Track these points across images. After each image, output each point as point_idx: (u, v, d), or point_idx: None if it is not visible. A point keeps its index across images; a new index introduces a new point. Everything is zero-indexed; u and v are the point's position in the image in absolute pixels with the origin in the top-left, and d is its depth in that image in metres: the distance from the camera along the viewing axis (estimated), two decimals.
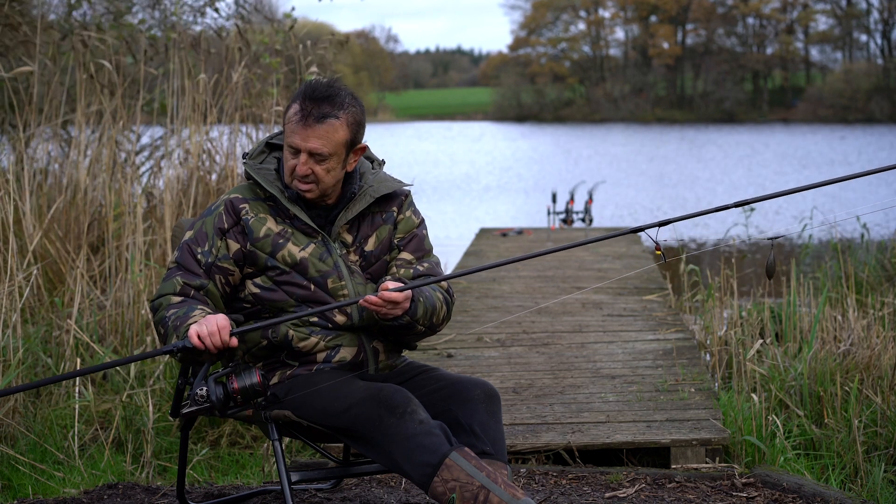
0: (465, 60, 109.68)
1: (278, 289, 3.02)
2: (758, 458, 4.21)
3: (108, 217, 6.11)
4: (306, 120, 2.94)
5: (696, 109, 63.95)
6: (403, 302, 2.89)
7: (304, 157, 2.96)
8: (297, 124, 2.95)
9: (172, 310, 2.93)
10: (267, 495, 3.62)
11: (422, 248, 3.16)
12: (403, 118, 67.14)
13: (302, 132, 2.95)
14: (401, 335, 3.04)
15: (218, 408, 2.82)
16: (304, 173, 2.97)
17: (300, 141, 2.95)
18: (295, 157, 2.98)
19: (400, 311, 2.90)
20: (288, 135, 2.98)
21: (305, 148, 2.95)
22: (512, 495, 2.73)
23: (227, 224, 3.04)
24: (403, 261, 3.12)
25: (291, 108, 2.99)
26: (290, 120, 2.97)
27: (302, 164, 2.96)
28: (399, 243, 3.14)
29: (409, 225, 3.16)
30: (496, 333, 6.23)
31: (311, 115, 2.94)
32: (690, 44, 67.91)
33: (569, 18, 71.82)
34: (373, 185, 3.11)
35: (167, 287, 3.00)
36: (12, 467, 4.14)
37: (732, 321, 5.97)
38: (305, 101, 2.96)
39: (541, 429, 4.33)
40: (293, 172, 2.99)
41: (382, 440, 2.83)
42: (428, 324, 3.01)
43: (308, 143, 2.95)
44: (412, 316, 2.94)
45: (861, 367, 4.80)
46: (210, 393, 2.81)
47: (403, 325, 2.95)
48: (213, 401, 2.81)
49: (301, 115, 2.95)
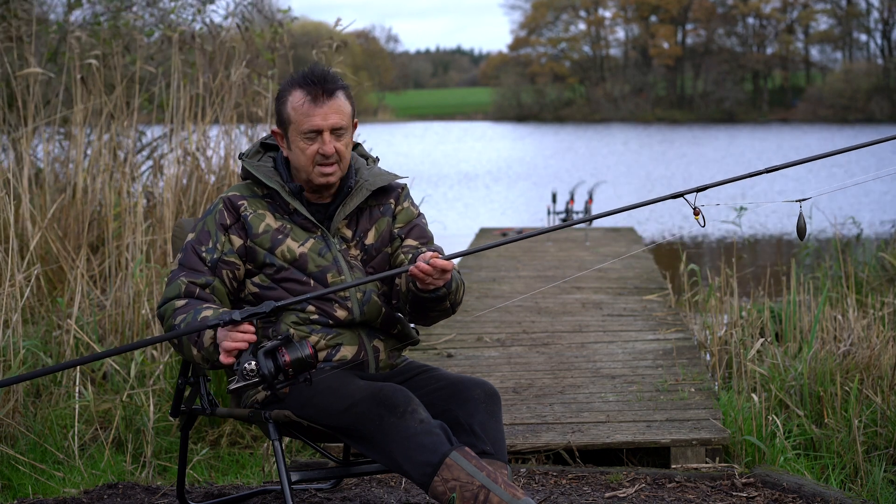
0: (465, 60, 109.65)
1: (277, 287, 3.03)
2: (758, 458, 4.21)
3: (108, 217, 6.10)
4: (318, 99, 2.96)
5: (696, 109, 63.93)
6: (450, 271, 2.85)
7: (328, 136, 2.98)
8: (310, 107, 2.96)
9: (180, 316, 2.91)
10: (267, 495, 3.62)
11: (425, 235, 3.17)
12: (403, 118, 67.10)
13: (319, 111, 2.96)
14: (427, 311, 2.98)
15: (268, 381, 2.74)
16: (331, 151, 2.97)
17: (321, 120, 2.97)
18: (314, 142, 2.98)
19: (443, 282, 2.85)
20: (301, 122, 2.97)
21: (328, 126, 2.97)
22: (512, 495, 2.73)
23: (229, 220, 3.05)
24: (410, 247, 3.12)
25: (293, 97, 2.99)
26: (298, 108, 2.97)
27: (327, 144, 2.97)
28: (400, 233, 3.14)
29: (409, 215, 3.17)
30: (496, 333, 6.23)
31: (322, 94, 2.97)
32: (690, 44, 67.90)
33: (569, 18, 71.81)
34: (368, 178, 3.12)
35: (171, 290, 2.99)
36: (12, 467, 4.14)
37: (732, 321, 5.97)
38: (307, 84, 2.98)
39: (541, 429, 4.33)
40: (314, 158, 2.98)
41: (383, 440, 2.83)
42: (453, 300, 2.98)
43: (328, 120, 2.97)
44: (448, 287, 2.90)
45: (861, 367, 4.80)
46: (261, 366, 2.73)
47: (437, 298, 2.91)
48: (265, 374, 2.73)
49: (311, 96, 2.97)
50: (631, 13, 69.25)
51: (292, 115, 2.99)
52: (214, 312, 2.88)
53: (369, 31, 78.80)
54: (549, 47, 71.47)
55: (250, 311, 2.76)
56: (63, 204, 6.29)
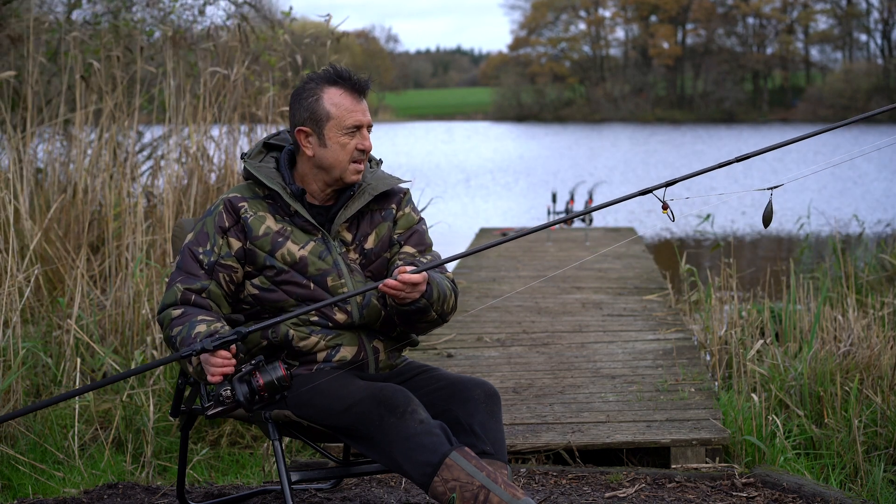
0: (465, 60, 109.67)
1: (277, 289, 3.02)
2: (758, 458, 4.21)
3: (108, 217, 6.10)
4: (356, 96, 3.02)
5: (696, 109, 63.94)
6: (421, 283, 2.87)
7: (366, 132, 3.04)
8: (352, 102, 3.01)
9: (176, 328, 2.94)
10: (267, 495, 3.62)
11: (423, 243, 3.17)
12: (403, 118, 67.10)
13: (360, 107, 3.02)
14: (413, 322, 3.00)
15: (245, 406, 2.82)
16: (370, 146, 3.05)
17: (362, 116, 3.03)
18: (353, 137, 3.02)
19: (417, 294, 2.87)
20: (344, 117, 3.00)
21: (366, 122, 3.04)
22: (512, 495, 2.73)
23: (227, 223, 3.04)
24: (407, 254, 3.12)
25: (330, 94, 3.00)
26: (340, 103, 3.00)
27: (367, 139, 3.04)
28: (399, 238, 3.14)
29: (409, 221, 3.17)
30: (496, 333, 6.23)
31: (359, 91, 3.03)
32: (690, 44, 67.91)
33: (569, 18, 71.83)
34: (371, 182, 3.11)
35: (169, 297, 3.01)
36: (12, 467, 4.14)
37: (732, 321, 5.97)
38: (344, 81, 3.02)
39: (541, 429, 4.33)
40: (353, 154, 3.02)
41: (383, 440, 2.83)
42: (440, 310, 2.99)
43: (367, 117, 3.04)
44: (428, 298, 2.91)
45: (861, 367, 4.80)
46: (236, 393, 2.82)
47: (419, 310, 2.92)
48: (240, 400, 2.82)
49: (351, 93, 3.01)
50: (631, 13, 69.26)
51: (332, 110, 3.00)
52: (207, 327, 2.90)
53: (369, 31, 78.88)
54: (549, 47, 71.48)
55: (221, 338, 2.81)
56: (63, 204, 6.29)
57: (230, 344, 2.81)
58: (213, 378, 2.83)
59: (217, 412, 2.84)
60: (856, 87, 57.34)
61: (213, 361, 2.82)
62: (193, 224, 3.18)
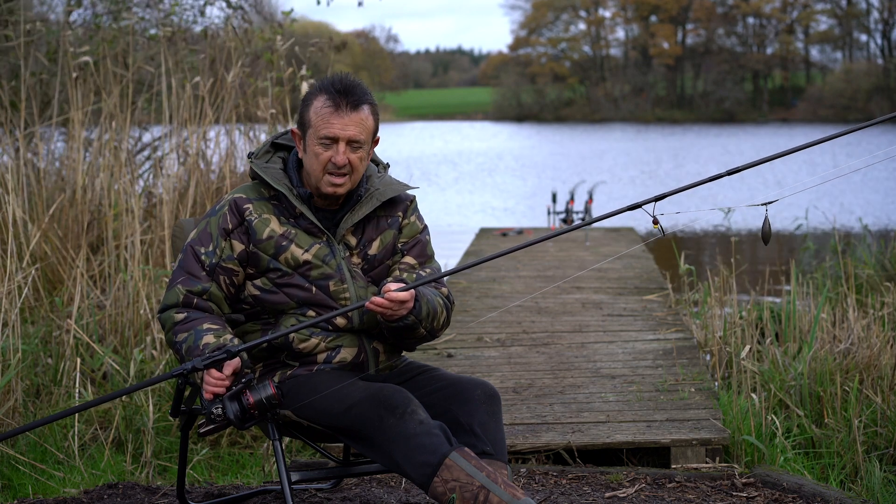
0: (465, 60, 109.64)
1: (279, 291, 3.02)
2: (758, 457, 4.21)
3: (108, 216, 6.10)
4: (341, 108, 2.94)
5: (696, 109, 63.94)
6: (408, 301, 2.88)
7: (343, 147, 2.96)
8: (331, 114, 2.94)
9: (181, 334, 2.95)
10: (267, 495, 3.62)
11: (424, 254, 3.16)
12: (403, 118, 67.09)
13: (339, 121, 2.94)
14: (402, 338, 3.02)
15: (235, 424, 2.88)
16: (343, 162, 2.95)
17: (339, 130, 2.94)
18: (328, 149, 2.96)
19: (405, 311, 2.88)
20: (320, 127, 2.95)
21: (345, 136, 2.95)
22: (512, 495, 2.73)
23: (231, 224, 3.03)
24: (407, 265, 3.12)
25: (317, 101, 2.97)
26: (320, 112, 2.95)
27: (341, 154, 2.95)
28: (402, 247, 3.14)
29: (414, 230, 3.16)
30: (496, 333, 6.23)
31: (346, 104, 2.95)
32: (690, 44, 67.90)
33: (569, 18, 71.81)
34: (379, 188, 3.09)
35: (170, 298, 3.00)
36: (12, 467, 4.14)
37: (732, 321, 5.97)
38: (333, 91, 2.96)
39: (541, 429, 4.32)
40: (326, 166, 2.96)
41: (382, 440, 2.82)
42: (429, 327, 3.00)
43: (346, 132, 2.94)
44: (416, 315, 2.92)
45: (861, 367, 4.80)
46: (227, 411, 2.86)
47: (407, 327, 2.93)
48: (231, 418, 2.86)
49: (334, 104, 2.94)
50: (631, 13, 69.25)
51: (312, 118, 2.98)
52: (216, 339, 2.91)
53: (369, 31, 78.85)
54: (549, 47, 71.47)
55: (212, 357, 2.85)
56: (63, 204, 6.29)
57: (221, 362, 2.85)
58: (206, 395, 2.88)
59: (209, 430, 2.89)
60: (856, 87, 57.31)
61: (207, 379, 2.87)
62: (196, 223, 3.17)
